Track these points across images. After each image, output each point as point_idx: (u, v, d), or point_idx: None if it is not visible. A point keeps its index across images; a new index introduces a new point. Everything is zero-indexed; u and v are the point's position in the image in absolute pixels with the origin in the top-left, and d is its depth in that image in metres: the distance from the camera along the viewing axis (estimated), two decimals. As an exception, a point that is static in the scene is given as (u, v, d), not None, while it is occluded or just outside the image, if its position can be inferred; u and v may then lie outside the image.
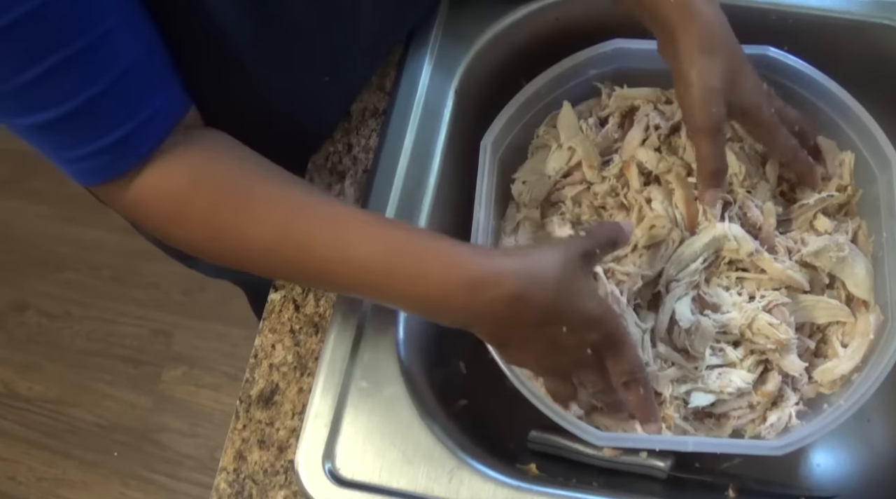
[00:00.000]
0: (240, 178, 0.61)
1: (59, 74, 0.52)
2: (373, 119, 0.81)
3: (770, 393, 0.71)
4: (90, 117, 0.55)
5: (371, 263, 0.59)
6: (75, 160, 0.57)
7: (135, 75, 0.56)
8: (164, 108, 0.58)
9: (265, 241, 0.60)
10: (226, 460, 0.69)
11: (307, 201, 0.61)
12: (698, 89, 0.66)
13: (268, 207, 0.60)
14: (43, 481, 1.68)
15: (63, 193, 1.89)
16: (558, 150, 0.80)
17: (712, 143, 0.68)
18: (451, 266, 0.58)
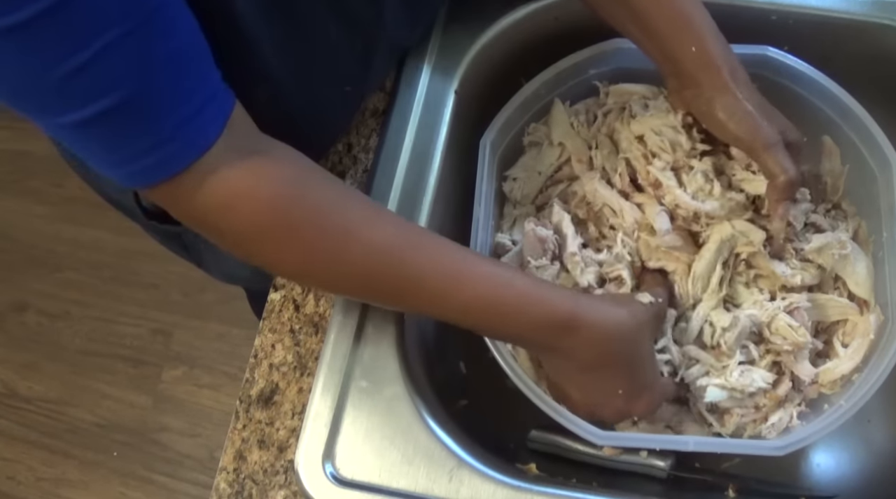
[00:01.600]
0: (345, 209, 0.59)
1: (106, 59, 0.47)
2: (373, 119, 0.81)
3: (779, 397, 0.71)
4: (146, 104, 0.50)
5: (476, 300, 0.61)
6: (133, 158, 0.52)
7: (185, 56, 0.51)
8: (217, 92, 0.54)
9: (376, 264, 0.60)
10: (226, 459, 0.69)
11: (419, 233, 0.65)
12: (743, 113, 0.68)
13: (382, 232, 0.60)
14: (42, 481, 1.68)
15: (62, 193, 1.89)
16: (549, 147, 0.81)
17: (781, 155, 0.67)
18: (544, 312, 0.62)
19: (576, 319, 0.62)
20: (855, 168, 0.78)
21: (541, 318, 0.62)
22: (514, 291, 0.62)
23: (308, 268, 0.60)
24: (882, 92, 0.81)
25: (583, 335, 0.62)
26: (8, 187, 1.92)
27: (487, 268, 0.63)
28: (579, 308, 0.63)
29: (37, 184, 1.90)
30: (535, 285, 0.64)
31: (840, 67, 0.76)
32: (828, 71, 0.75)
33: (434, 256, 0.61)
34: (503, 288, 0.62)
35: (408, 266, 0.60)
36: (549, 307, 0.62)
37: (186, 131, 0.52)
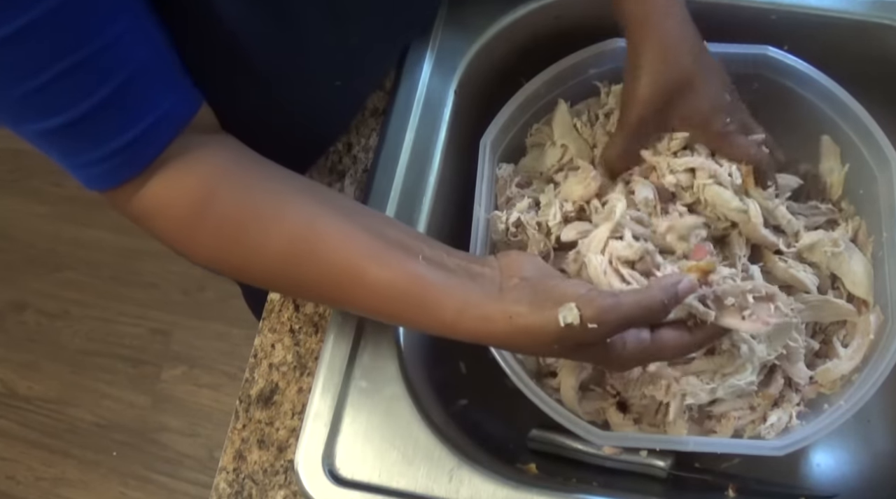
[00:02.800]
0: (248, 202, 0.60)
1: (66, 81, 0.52)
2: (373, 118, 0.81)
3: (772, 396, 0.71)
4: (97, 122, 0.55)
5: (387, 291, 0.60)
6: (84, 166, 0.57)
7: (141, 80, 0.56)
8: (170, 112, 0.58)
9: (277, 260, 0.60)
10: (225, 459, 0.69)
11: (323, 220, 0.61)
12: (633, 95, 0.70)
13: (282, 226, 0.60)
14: (42, 481, 1.68)
15: (62, 192, 1.89)
16: (552, 147, 0.80)
17: (626, 141, 0.73)
18: (462, 309, 0.59)
19: (455, 331, 0.60)
20: (855, 168, 0.78)
21: (432, 325, 0.60)
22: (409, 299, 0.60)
23: (224, 270, 0.63)
24: (882, 92, 0.80)
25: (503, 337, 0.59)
26: (7, 187, 1.93)
27: (384, 275, 0.60)
28: (458, 323, 0.59)
29: (36, 183, 1.91)
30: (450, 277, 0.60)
31: (840, 67, 0.76)
32: (828, 71, 0.75)
33: (326, 266, 0.60)
34: (395, 300, 0.60)
35: (303, 273, 0.61)
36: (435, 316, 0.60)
37: (133, 149, 0.57)
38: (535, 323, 0.57)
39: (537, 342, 0.58)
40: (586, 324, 0.56)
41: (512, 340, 0.59)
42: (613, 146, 0.74)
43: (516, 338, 0.58)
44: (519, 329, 0.58)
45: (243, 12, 0.60)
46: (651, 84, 0.69)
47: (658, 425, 0.73)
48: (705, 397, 0.70)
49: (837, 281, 0.76)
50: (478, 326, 0.59)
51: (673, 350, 0.61)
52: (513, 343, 0.60)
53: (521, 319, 0.57)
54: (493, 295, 0.59)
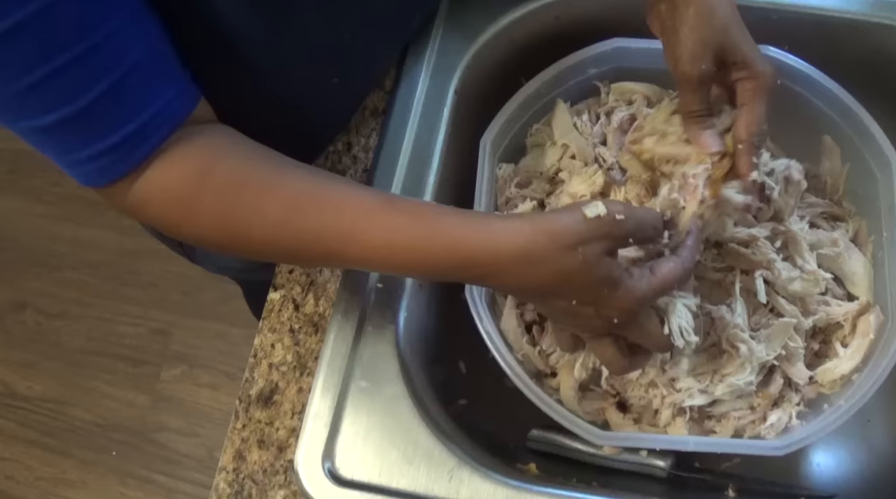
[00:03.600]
0: (247, 169, 0.61)
1: (63, 77, 0.52)
2: (372, 118, 0.81)
3: (772, 395, 0.71)
4: (94, 119, 0.55)
5: (377, 249, 0.59)
6: (80, 162, 0.57)
7: (137, 76, 0.56)
8: (167, 107, 0.58)
9: (273, 231, 0.60)
10: (225, 459, 0.69)
11: (313, 190, 0.61)
12: (692, 45, 0.66)
13: (274, 198, 0.60)
14: (41, 481, 1.67)
15: (61, 192, 1.89)
16: (552, 147, 0.80)
17: (699, 95, 0.68)
18: (452, 252, 0.59)
19: (474, 259, 0.58)
20: (855, 168, 0.78)
21: (451, 260, 0.59)
22: (412, 240, 0.60)
23: (220, 245, 0.63)
24: (882, 92, 0.81)
25: (502, 274, 0.58)
26: (7, 186, 1.92)
27: (385, 220, 0.60)
28: (492, 242, 0.59)
29: (36, 183, 1.90)
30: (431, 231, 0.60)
31: (840, 67, 0.76)
32: (828, 71, 0.75)
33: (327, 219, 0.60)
34: (401, 238, 0.60)
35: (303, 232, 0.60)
36: (453, 252, 0.59)
37: (129, 145, 0.57)
38: (560, 220, 0.58)
39: (560, 244, 0.57)
40: (613, 214, 0.57)
41: (531, 249, 0.57)
42: (692, 103, 0.68)
43: (536, 244, 0.57)
44: (541, 230, 0.58)
45: (241, 10, 0.60)
46: (706, 27, 0.66)
47: (658, 425, 0.73)
48: (704, 398, 0.70)
49: (837, 281, 0.76)
50: (497, 238, 0.58)
51: (673, 275, 0.61)
52: (532, 253, 0.57)
53: (544, 221, 0.58)
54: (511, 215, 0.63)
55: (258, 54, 0.64)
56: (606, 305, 0.59)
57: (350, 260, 0.61)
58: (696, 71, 0.67)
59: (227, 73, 0.64)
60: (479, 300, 0.69)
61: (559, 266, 0.58)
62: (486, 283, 0.64)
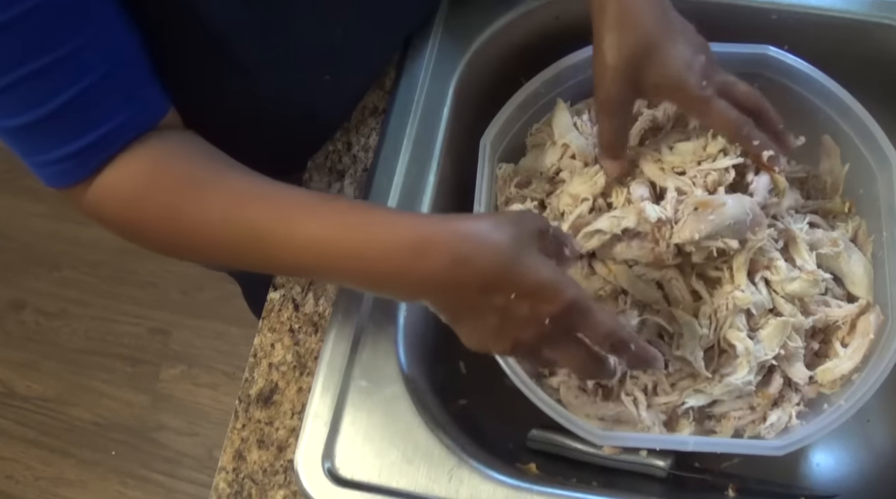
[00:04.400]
0: (191, 169, 0.61)
1: (29, 83, 0.54)
2: (372, 118, 0.81)
3: (771, 395, 0.71)
4: (57, 125, 0.56)
5: (315, 240, 0.58)
6: (43, 164, 0.59)
7: (103, 88, 0.57)
8: (130, 120, 0.59)
9: (211, 229, 0.60)
10: (225, 459, 0.69)
11: (254, 188, 0.60)
12: (600, 67, 0.68)
13: (215, 196, 0.60)
14: (41, 480, 1.67)
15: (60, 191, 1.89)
16: (552, 147, 0.80)
17: (609, 119, 0.69)
18: (393, 235, 0.57)
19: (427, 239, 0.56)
20: (855, 168, 0.78)
21: (393, 242, 0.56)
22: (356, 222, 0.58)
23: (165, 245, 0.64)
24: (882, 91, 0.80)
25: (446, 250, 0.55)
26: (6, 186, 1.92)
27: (319, 206, 0.59)
28: (435, 224, 0.57)
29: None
30: (371, 215, 0.59)
31: (840, 67, 0.76)
32: (828, 70, 0.75)
33: (262, 213, 0.59)
34: (337, 227, 0.58)
35: (240, 227, 0.59)
36: (398, 230, 0.57)
37: (89, 153, 0.58)
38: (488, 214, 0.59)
39: (492, 224, 0.56)
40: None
41: (468, 228, 0.56)
42: (603, 132, 0.71)
43: (471, 226, 0.56)
44: (472, 218, 0.58)
45: (232, 8, 0.61)
46: (615, 53, 0.66)
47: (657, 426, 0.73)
48: (702, 398, 0.70)
49: (836, 281, 0.75)
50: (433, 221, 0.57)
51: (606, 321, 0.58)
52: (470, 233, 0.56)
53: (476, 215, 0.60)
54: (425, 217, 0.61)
55: (249, 52, 0.64)
56: (541, 297, 0.55)
57: (282, 259, 0.59)
58: (609, 96, 0.68)
59: (219, 70, 0.64)
60: (479, 300, 0.68)
61: (498, 246, 0.55)
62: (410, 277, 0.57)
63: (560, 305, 0.56)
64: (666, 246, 0.69)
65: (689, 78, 0.67)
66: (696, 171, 0.71)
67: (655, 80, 0.67)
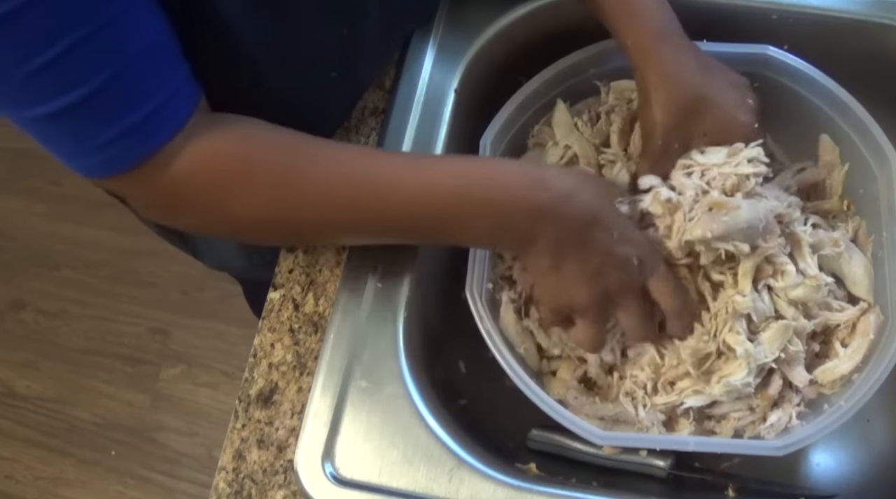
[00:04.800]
0: (298, 141, 0.62)
1: (75, 56, 0.50)
2: (372, 118, 0.81)
3: (771, 396, 0.71)
4: (111, 98, 0.53)
5: (434, 177, 0.63)
6: (96, 149, 0.55)
7: (153, 52, 0.54)
8: (185, 84, 0.57)
9: (331, 183, 0.61)
10: (225, 459, 0.69)
11: (377, 152, 0.68)
12: (649, 122, 0.72)
13: (326, 155, 0.61)
14: (40, 480, 1.67)
15: (60, 191, 1.89)
16: (553, 147, 0.80)
17: (653, 166, 0.73)
18: (511, 169, 0.66)
19: (542, 174, 0.64)
20: (854, 167, 0.78)
21: (507, 174, 0.64)
22: (467, 163, 0.67)
23: (284, 215, 0.62)
24: (882, 91, 0.80)
25: (562, 184, 0.63)
26: (6, 186, 1.92)
27: (429, 160, 0.69)
28: (541, 169, 0.68)
29: (35, 182, 1.90)
30: (483, 159, 0.71)
31: (840, 67, 0.76)
32: (828, 70, 0.75)
33: (394, 164, 0.64)
34: (456, 164, 0.66)
35: (370, 181, 0.62)
36: (510, 167, 0.67)
37: (155, 120, 0.55)
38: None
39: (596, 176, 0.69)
40: None
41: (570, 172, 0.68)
42: (644, 172, 0.74)
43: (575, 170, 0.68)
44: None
45: (239, 4, 0.60)
46: (663, 110, 0.70)
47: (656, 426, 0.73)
48: (701, 399, 0.70)
49: (837, 281, 0.75)
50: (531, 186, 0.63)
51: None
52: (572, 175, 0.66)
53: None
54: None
55: (256, 47, 0.64)
56: (634, 241, 0.65)
57: (402, 201, 0.62)
58: (656, 150, 0.72)
59: (225, 66, 0.63)
60: (479, 300, 0.69)
61: (599, 187, 0.66)
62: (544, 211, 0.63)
63: (646, 249, 0.66)
64: (678, 243, 0.69)
65: (742, 125, 0.72)
66: (718, 173, 0.71)
67: (706, 128, 0.72)
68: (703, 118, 0.71)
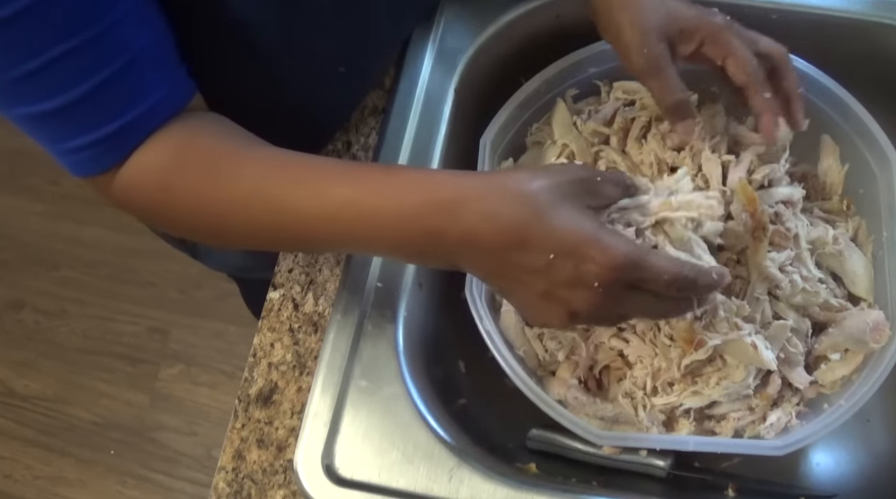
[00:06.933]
0: (221, 148, 0.60)
1: (61, 66, 0.52)
2: (372, 117, 0.80)
3: (770, 396, 0.71)
4: (88, 109, 0.55)
5: (347, 205, 0.56)
6: (71, 152, 0.57)
7: (138, 67, 0.55)
8: (164, 100, 0.58)
9: (242, 203, 0.59)
10: (224, 459, 0.69)
11: (282, 160, 0.59)
12: (624, 40, 0.68)
13: (242, 170, 0.59)
14: (39, 480, 1.67)
15: (59, 190, 1.89)
16: (552, 146, 0.80)
17: (662, 80, 0.67)
18: (425, 193, 0.54)
19: (458, 196, 0.53)
20: (854, 167, 0.78)
21: (425, 200, 0.54)
22: (388, 183, 0.56)
23: (201, 225, 0.62)
24: (882, 91, 0.81)
25: (478, 205, 0.53)
26: (4, 185, 1.92)
27: (350, 170, 0.59)
28: (466, 178, 0.55)
29: (34, 181, 1.90)
30: (406, 176, 0.58)
31: (840, 67, 0.76)
32: (828, 70, 0.75)
33: (291, 181, 0.58)
34: (369, 184, 0.56)
35: (273, 205, 0.58)
36: (430, 186, 0.55)
37: (120, 136, 0.57)
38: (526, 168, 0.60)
39: (530, 175, 0.52)
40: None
41: (501, 180, 0.53)
42: (660, 96, 0.68)
43: (507, 177, 0.53)
44: (510, 171, 0.61)
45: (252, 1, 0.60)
46: (633, 24, 0.67)
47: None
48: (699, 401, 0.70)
49: (837, 280, 0.75)
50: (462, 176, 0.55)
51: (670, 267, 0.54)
52: (502, 183, 0.53)
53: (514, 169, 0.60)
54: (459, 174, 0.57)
55: (267, 41, 0.64)
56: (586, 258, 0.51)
57: (313, 228, 0.58)
58: (642, 58, 0.67)
59: (235, 60, 0.63)
60: (479, 300, 0.68)
61: (532, 198, 0.52)
62: (446, 237, 0.54)
63: (607, 265, 0.51)
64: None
65: (713, 16, 0.68)
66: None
67: (681, 25, 0.67)
68: (675, 20, 0.67)
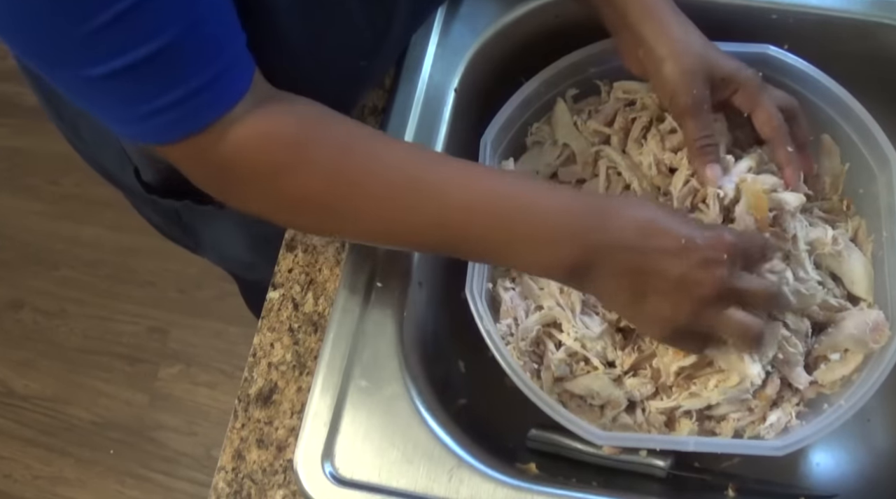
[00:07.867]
0: (358, 130, 0.60)
1: (139, 13, 0.47)
2: (372, 117, 0.80)
3: (769, 396, 0.71)
4: (175, 58, 0.50)
5: (505, 196, 0.60)
6: (157, 112, 0.52)
7: (218, 12, 0.52)
8: (244, 52, 0.55)
9: (382, 175, 0.59)
10: (224, 459, 0.69)
11: (435, 155, 0.65)
12: (667, 83, 0.70)
13: (384, 148, 0.60)
14: (39, 479, 1.67)
15: (58, 190, 1.88)
16: (552, 146, 0.80)
17: (700, 121, 0.70)
18: (575, 195, 0.62)
19: (607, 203, 0.61)
20: (855, 167, 0.78)
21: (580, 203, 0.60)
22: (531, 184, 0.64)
23: (328, 199, 0.59)
24: (882, 91, 0.81)
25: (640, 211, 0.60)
26: (4, 185, 1.92)
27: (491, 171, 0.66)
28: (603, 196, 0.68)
29: (33, 181, 1.90)
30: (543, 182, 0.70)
31: (840, 67, 0.76)
32: (828, 70, 0.75)
33: (451, 171, 0.61)
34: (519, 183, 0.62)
35: (426, 182, 0.59)
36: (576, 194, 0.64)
37: (215, 87, 0.53)
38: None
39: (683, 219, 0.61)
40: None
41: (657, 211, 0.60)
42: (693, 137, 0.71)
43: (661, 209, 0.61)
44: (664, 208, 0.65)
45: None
46: (677, 68, 0.70)
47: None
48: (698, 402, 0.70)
49: (836, 280, 0.75)
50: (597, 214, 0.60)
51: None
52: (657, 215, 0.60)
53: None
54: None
55: (290, 31, 0.61)
56: (713, 235, 0.60)
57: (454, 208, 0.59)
58: (691, 98, 0.70)
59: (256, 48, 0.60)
60: (479, 299, 0.68)
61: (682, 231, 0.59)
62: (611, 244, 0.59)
63: (731, 238, 0.60)
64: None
65: (746, 70, 0.72)
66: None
67: (723, 74, 0.71)
68: (717, 67, 0.71)
